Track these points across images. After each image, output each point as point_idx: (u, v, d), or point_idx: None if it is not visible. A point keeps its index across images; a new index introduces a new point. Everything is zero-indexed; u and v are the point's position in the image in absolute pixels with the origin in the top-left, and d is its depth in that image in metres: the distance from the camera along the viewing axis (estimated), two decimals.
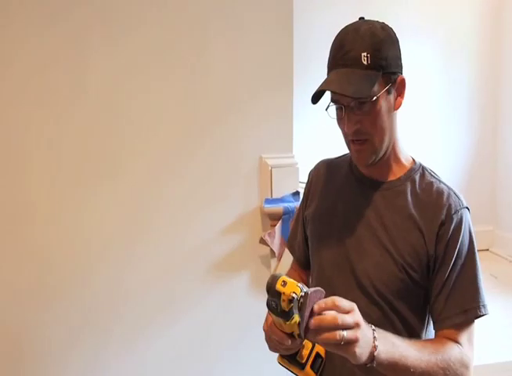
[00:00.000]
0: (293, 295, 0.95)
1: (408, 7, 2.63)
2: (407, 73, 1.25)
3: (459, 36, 2.74)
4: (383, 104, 1.16)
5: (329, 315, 0.93)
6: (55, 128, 2.00)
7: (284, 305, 0.96)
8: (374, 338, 0.99)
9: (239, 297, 2.21)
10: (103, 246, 2.09)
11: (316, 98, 1.17)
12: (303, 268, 1.45)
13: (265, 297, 1.49)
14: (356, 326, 0.95)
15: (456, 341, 1.14)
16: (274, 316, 1.01)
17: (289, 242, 1.51)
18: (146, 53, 2.03)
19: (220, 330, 2.23)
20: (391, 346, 1.03)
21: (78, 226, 2.06)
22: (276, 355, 1.18)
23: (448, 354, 1.10)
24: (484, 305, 1.16)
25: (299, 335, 0.98)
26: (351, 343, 0.93)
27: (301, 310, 0.96)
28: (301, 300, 0.95)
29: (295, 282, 0.98)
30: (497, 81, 2.81)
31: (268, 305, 0.99)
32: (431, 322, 1.24)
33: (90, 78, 2.00)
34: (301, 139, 2.31)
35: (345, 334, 0.92)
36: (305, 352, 1.17)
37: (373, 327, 1.01)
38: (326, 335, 0.92)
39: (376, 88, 1.13)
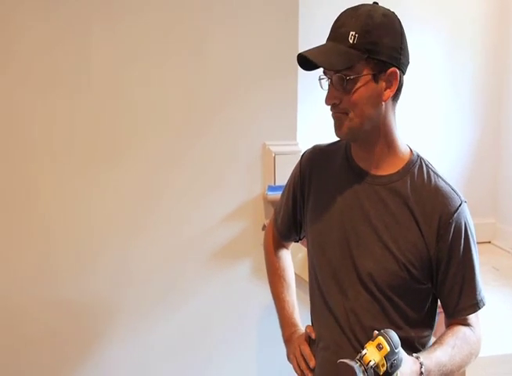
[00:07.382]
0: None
1: None
2: (410, 65, 1.23)
3: (464, 29, 2.73)
4: (364, 88, 1.15)
5: None
6: (59, 115, 2.00)
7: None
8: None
9: (240, 284, 2.23)
10: (105, 233, 2.10)
11: (306, 66, 1.19)
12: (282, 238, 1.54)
13: (265, 284, 1.50)
14: None
15: (468, 324, 1.25)
16: None
17: (275, 215, 1.54)
18: (147, 39, 2.02)
19: (221, 317, 2.25)
20: (435, 365, 1.15)
21: (80, 214, 2.06)
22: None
23: (468, 341, 1.24)
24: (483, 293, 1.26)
25: None
26: None
27: None
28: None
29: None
30: (502, 75, 2.79)
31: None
32: (429, 314, 1.28)
33: (91, 66, 1.99)
34: (305, 127, 2.30)
35: None
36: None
37: (415, 355, 1.14)
38: None
39: (357, 69, 1.14)
